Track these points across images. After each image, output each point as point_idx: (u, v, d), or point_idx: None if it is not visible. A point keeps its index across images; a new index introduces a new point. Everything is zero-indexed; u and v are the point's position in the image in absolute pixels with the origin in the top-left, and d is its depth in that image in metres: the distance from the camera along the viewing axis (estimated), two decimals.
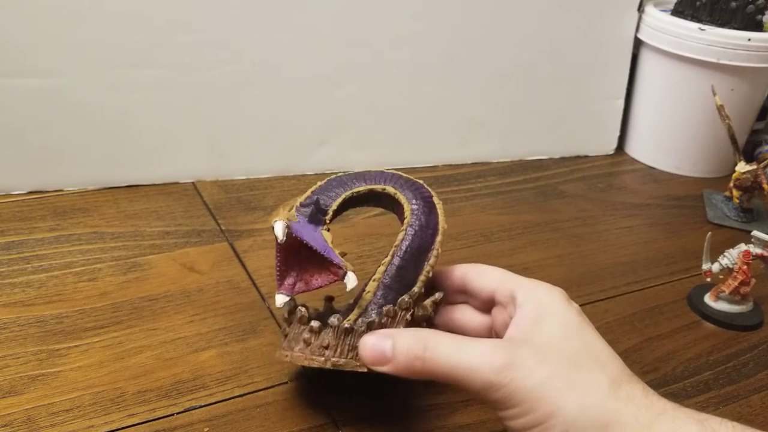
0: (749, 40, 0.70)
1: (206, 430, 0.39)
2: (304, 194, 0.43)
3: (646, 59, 0.78)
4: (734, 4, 0.71)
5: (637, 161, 0.81)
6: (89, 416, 0.39)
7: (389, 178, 0.44)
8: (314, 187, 0.43)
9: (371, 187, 0.44)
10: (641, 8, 0.77)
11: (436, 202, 0.43)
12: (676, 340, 0.51)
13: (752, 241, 0.52)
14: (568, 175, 0.76)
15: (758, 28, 0.72)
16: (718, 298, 0.54)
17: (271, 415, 0.40)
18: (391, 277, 0.40)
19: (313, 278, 0.39)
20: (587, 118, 0.80)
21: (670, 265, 0.60)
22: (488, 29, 0.72)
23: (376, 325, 0.38)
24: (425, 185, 0.44)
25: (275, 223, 0.37)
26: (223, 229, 0.59)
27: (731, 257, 0.53)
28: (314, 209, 0.40)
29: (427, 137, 0.74)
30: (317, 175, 0.70)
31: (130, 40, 0.60)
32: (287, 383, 0.43)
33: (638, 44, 0.79)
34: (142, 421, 0.39)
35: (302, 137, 0.69)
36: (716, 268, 0.54)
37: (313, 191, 0.43)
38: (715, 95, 0.67)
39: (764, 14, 0.73)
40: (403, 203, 0.43)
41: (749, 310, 0.54)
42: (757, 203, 0.70)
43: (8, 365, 0.42)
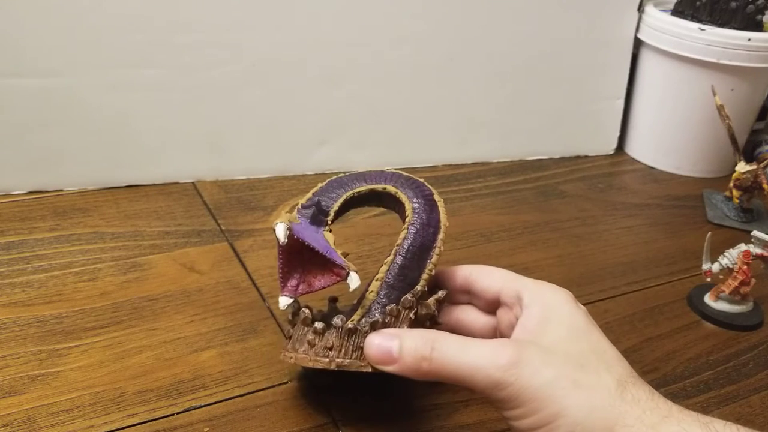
0: (749, 40, 0.70)
1: (206, 430, 0.39)
2: (305, 196, 0.43)
3: (646, 59, 0.78)
4: (734, 4, 0.71)
5: (637, 161, 0.81)
6: (89, 416, 0.39)
7: (390, 177, 0.44)
8: (315, 188, 0.43)
9: (372, 186, 0.44)
10: (641, 8, 0.77)
11: (437, 199, 0.43)
12: (676, 340, 0.51)
13: (752, 241, 0.52)
14: (568, 175, 0.76)
15: (758, 28, 0.72)
16: (718, 298, 0.54)
17: (271, 415, 0.40)
18: (394, 276, 0.40)
19: (316, 279, 0.39)
20: (587, 118, 0.80)
21: (670, 265, 0.60)
22: (488, 29, 0.72)
23: (379, 324, 0.38)
24: (426, 183, 0.44)
25: (277, 225, 0.37)
26: (223, 229, 0.59)
27: (731, 257, 0.53)
28: (315, 211, 0.40)
29: (427, 137, 0.74)
30: (317, 175, 0.70)
31: (130, 40, 0.60)
32: (287, 383, 0.43)
33: (638, 44, 0.79)
34: (142, 421, 0.39)
35: (302, 137, 0.69)
36: (716, 268, 0.54)
37: (314, 193, 0.43)
38: (715, 95, 0.67)
39: (764, 14, 0.73)
40: (404, 202, 0.43)
41: (749, 310, 0.54)
42: (757, 203, 0.70)
43: (8, 365, 0.42)
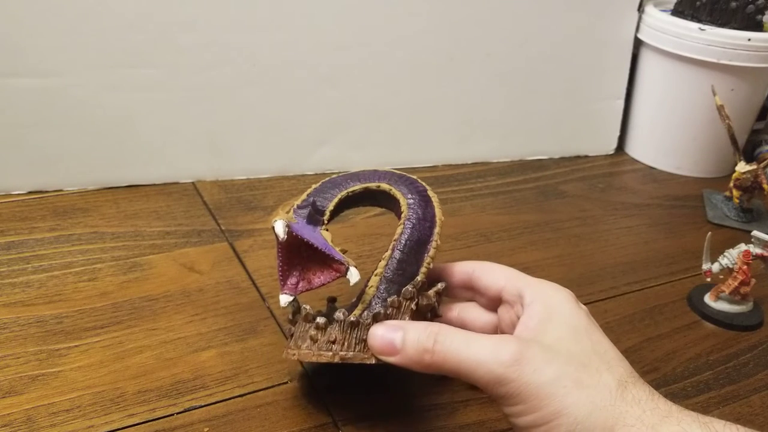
0: (749, 40, 0.70)
1: (206, 430, 0.39)
2: (300, 197, 0.43)
3: (646, 59, 0.78)
4: (734, 4, 0.71)
5: (637, 161, 0.81)
6: (89, 416, 0.39)
7: (383, 175, 0.45)
8: (309, 189, 0.44)
9: (366, 185, 0.44)
10: (641, 8, 0.77)
11: (431, 194, 0.43)
12: (676, 340, 0.51)
13: (752, 241, 0.52)
14: (568, 175, 0.76)
15: (758, 28, 0.72)
16: (718, 298, 0.54)
17: (271, 415, 0.40)
18: (392, 270, 0.40)
19: (315, 276, 0.39)
20: (587, 118, 0.80)
21: (670, 265, 0.60)
22: (488, 29, 0.72)
23: (381, 316, 0.38)
24: (419, 180, 0.44)
25: (275, 222, 0.37)
26: (223, 229, 0.59)
27: (731, 257, 0.53)
28: (311, 210, 0.40)
29: (427, 137, 0.74)
30: (317, 175, 0.70)
31: (130, 40, 0.60)
32: (287, 383, 0.43)
33: (638, 44, 0.79)
34: (142, 421, 0.39)
35: (302, 137, 0.69)
36: (716, 268, 0.54)
37: (308, 194, 0.43)
38: (715, 95, 0.67)
39: (764, 14, 0.73)
40: (398, 198, 0.43)
41: (749, 310, 0.54)
42: (757, 203, 0.70)
43: (8, 365, 0.42)
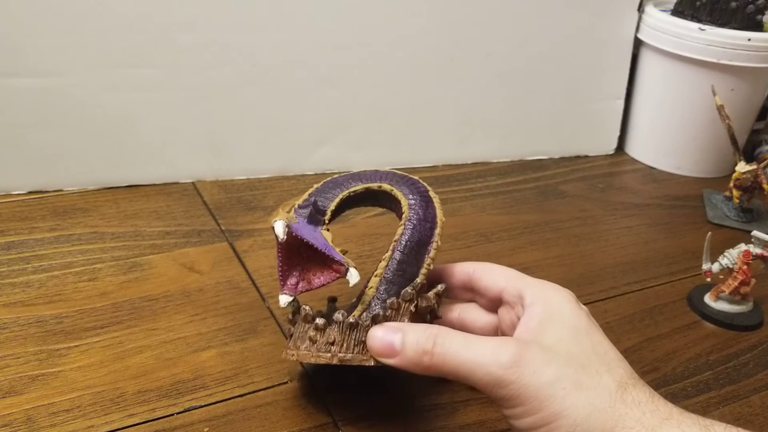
0: (749, 40, 0.70)
1: (206, 430, 0.39)
2: (301, 197, 0.43)
3: (646, 59, 0.78)
4: (734, 4, 0.71)
5: (637, 161, 0.81)
6: (89, 416, 0.39)
7: (384, 175, 0.44)
8: (311, 189, 0.44)
9: (367, 185, 0.44)
10: (641, 8, 0.77)
11: (432, 195, 0.43)
12: (676, 340, 0.51)
13: (752, 241, 0.52)
14: (568, 175, 0.76)
15: (758, 28, 0.72)
16: (718, 298, 0.54)
17: (271, 415, 0.40)
18: (392, 271, 0.40)
19: (315, 277, 0.39)
20: (587, 118, 0.80)
21: (670, 265, 0.60)
22: (488, 29, 0.72)
23: (380, 318, 0.38)
24: (420, 180, 0.44)
25: (275, 222, 0.37)
26: (223, 229, 0.59)
27: (731, 257, 0.53)
28: (312, 210, 0.40)
29: (427, 137, 0.74)
30: (317, 175, 0.70)
31: (130, 40, 0.60)
32: (287, 383, 0.43)
33: (638, 44, 0.79)
34: (142, 421, 0.39)
35: (302, 137, 0.69)
36: (716, 268, 0.54)
37: (310, 193, 0.43)
38: (715, 95, 0.67)
39: (764, 14, 0.72)
40: (400, 199, 0.43)
41: (749, 310, 0.54)
42: (757, 203, 0.70)
43: (8, 365, 0.42)
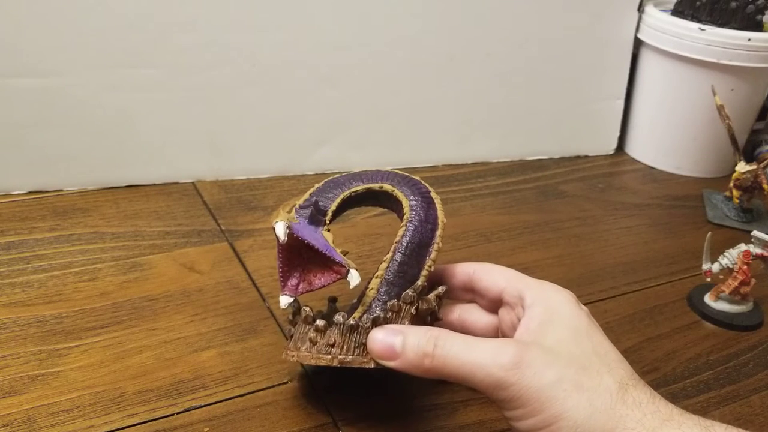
0: (749, 40, 0.70)
1: (206, 430, 0.39)
2: (302, 197, 0.43)
3: (646, 59, 0.78)
4: (734, 4, 0.71)
5: (637, 161, 0.81)
6: (89, 416, 0.39)
7: (386, 176, 0.44)
8: (312, 189, 0.43)
9: (369, 186, 0.44)
10: (641, 8, 0.77)
11: (434, 197, 0.43)
12: (676, 340, 0.51)
13: (752, 241, 0.52)
14: (568, 175, 0.76)
15: (758, 28, 0.72)
16: (718, 298, 0.54)
17: (271, 415, 0.40)
18: (393, 273, 0.40)
19: (316, 278, 0.39)
20: (587, 118, 0.80)
21: (670, 265, 0.60)
22: (488, 29, 0.72)
23: (381, 320, 0.38)
24: (422, 181, 0.44)
25: (276, 223, 0.37)
26: (223, 229, 0.59)
27: (731, 257, 0.53)
28: (313, 210, 0.40)
29: (427, 137, 0.74)
30: (317, 175, 0.70)
31: (130, 40, 0.60)
32: (287, 383, 0.43)
33: (638, 44, 0.79)
34: (142, 421, 0.39)
35: (302, 137, 0.69)
36: (716, 268, 0.54)
37: (311, 193, 0.43)
38: (715, 95, 0.67)
39: (764, 14, 0.72)
40: (401, 200, 0.43)
41: (749, 310, 0.54)
42: (757, 203, 0.70)
43: (8, 365, 0.42)
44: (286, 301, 0.38)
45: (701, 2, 0.73)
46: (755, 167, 0.65)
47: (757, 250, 0.52)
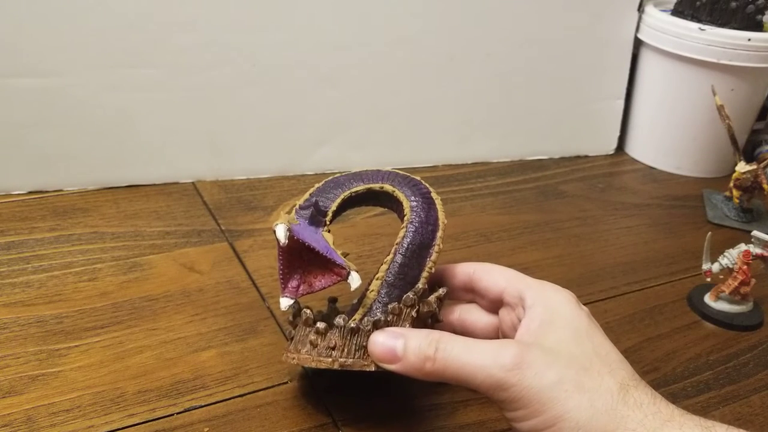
0: (749, 40, 0.70)
1: (206, 430, 0.39)
2: (302, 197, 0.43)
3: (646, 59, 0.78)
4: (734, 4, 0.71)
5: (637, 161, 0.81)
6: (89, 416, 0.39)
7: (386, 176, 0.44)
8: (312, 189, 0.43)
9: (369, 186, 0.44)
10: (641, 8, 0.77)
11: (434, 197, 0.43)
12: (676, 340, 0.51)
13: (752, 241, 0.52)
14: (568, 175, 0.76)
15: (758, 28, 0.72)
16: (718, 298, 0.54)
17: (271, 415, 0.40)
18: (394, 274, 0.40)
19: (316, 280, 0.39)
20: (587, 118, 0.80)
21: (670, 265, 0.60)
22: (488, 29, 0.72)
23: (381, 323, 0.38)
24: (423, 181, 0.44)
25: (277, 226, 0.37)
26: (223, 229, 0.59)
27: (731, 257, 0.53)
28: (314, 211, 0.40)
29: (427, 137, 0.74)
30: (317, 175, 0.70)
31: (130, 40, 0.60)
32: (287, 383, 0.43)
33: (638, 44, 0.79)
34: (142, 421, 0.39)
35: (302, 137, 0.69)
36: (716, 268, 0.54)
37: (311, 193, 0.43)
38: (715, 95, 0.67)
39: (764, 14, 0.73)
40: (402, 201, 0.43)
41: (749, 310, 0.54)
42: (757, 203, 0.70)
43: (8, 365, 0.42)
44: (286, 303, 0.38)
45: (701, 2, 0.73)
46: (755, 167, 0.65)
47: (757, 250, 0.52)
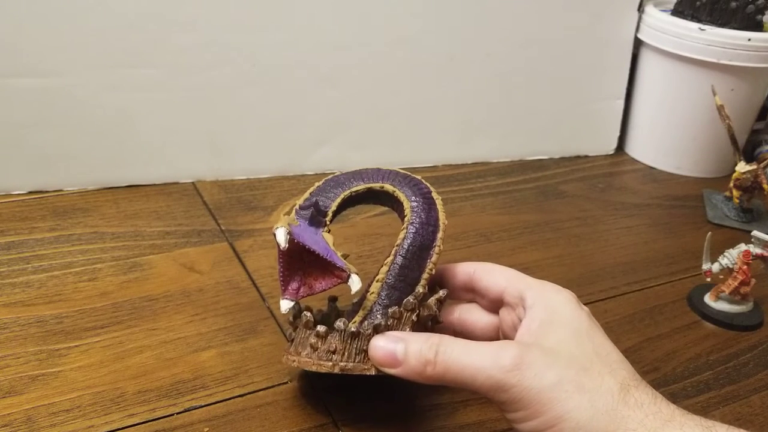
0: (749, 40, 0.70)
1: (206, 430, 0.39)
2: (302, 196, 0.42)
3: (646, 59, 0.78)
4: (734, 4, 0.71)
5: (637, 161, 0.81)
6: (89, 416, 0.39)
7: (386, 175, 0.44)
8: (312, 188, 0.43)
9: (369, 185, 0.43)
10: (641, 8, 0.77)
11: (435, 197, 0.43)
12: (676, 340, 0.51)
13: (752, 241, 0.52)
14: (568, 175, 0.76)
15: (758, 28, 0.72)
16: (718, 298, 0.54)
17: (271, 415, 0.40)
18: (394, 276, 0.40)
19: (316, 282, 0.38)
20: (587, 118, 0.80)
21: (670, 265, 0.60)
22: (488, 29, 0.72)
23: (382, 327, 0.38)
24: (423, 180, 0.44)
25: (277, 230, 0.36)
26: (223, 229, 0.59)
27: (731, 257, 0.53)
28: (314, 211, 0.39)
29: (427, 137, 0.74)
30: (317, 175, 0.70)
31: (130, 40, 0.60)
32: (287, 383, 0.43)
33: (638, 44, 0.79)
34: (142, 421, 0.39)
35: (302, 137, 0.69)
36: (716, 268, 0.54)
37: (311, 193, 0.43)
38: (715, 95, 0.67)
39: (764, 14, 0.73)
40: (402, 201, 0.42)
41: (749, 310, 0.54)
42: (757, 203, 0.70)
43: (8, 365, 0.42)
44: (286, 305, 0.38)
45: (701, 2, 0.73)
46: (755, 167, 0.65)
47: (757, 250, 0.52)
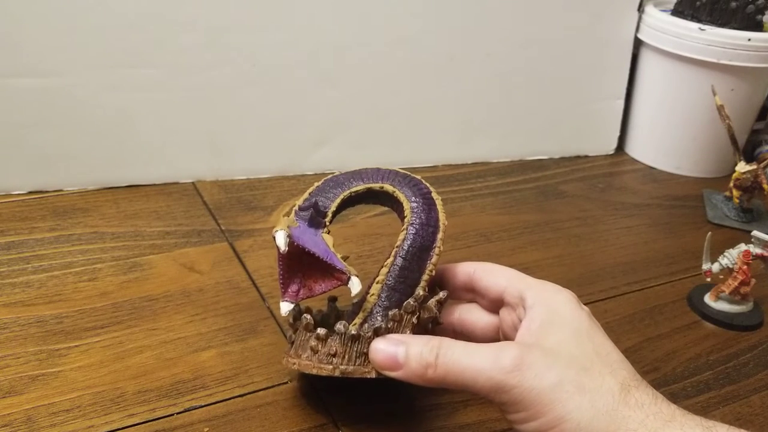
0: (749, 40, 0.70)
1: (206, 430, 0.39)
2: (301, 197, 0.42)
3: (646, 59, 0.78)
4: (734, 4, 0.71)
5: (637, 161, 0.81)
6: (89, 416, 0.39)
7: (386, 175, 0.44)
8: (311, 188, 0.43)
9: (369, 185, 0.43)
10: (641, 8, 0.77)
11: (435, 197, 0.42)
12: (676, 340, 0.51)
13: (752, 241, 0.52)
14: (568, 175, 0.76)
15: (758, 28, 0.72)
16: (718, 298, 0.54)
17: (271, 415, 0.40)
18: (394, 278, 0.40)
19: (316, 284, 0.38)
20: (587, 118, 0.80)
21: (670, 265, 0.60)
22: (488, 29, 0.72)
23: (382, 330, 0.38)
24: (423, 181, 0.44)
25: (276, 233, 0.36)
26: (223, 229, 0.59)
27: (731, 257, 0.53)
28: (313, 212, 0.39)
29: (427, 137, 0.74)
30: (317, 175, 0.70)
31: (130, 40, 0.60)
32: (287, 383, 0.43)
33: (638, 44, 0.79)
34: (142, 421, 0.39)
35: (302, 137, 0.69)
36: (716, 268, 0.54)
37: (310, 193, 0.42)
38: (715, 95, 0.67)
39: (764, 14, 0.73)
40: (402, 201, 0.42)
41: (749, 310, 0.54)
42: (757, 203, 0.70)
43: (8, 365, 0.42)
44: (287, 307, 0.38)
45: (701, 2, 0.73)
46: (755, 167, 0.65)
47: (757, 250, 0.52)
